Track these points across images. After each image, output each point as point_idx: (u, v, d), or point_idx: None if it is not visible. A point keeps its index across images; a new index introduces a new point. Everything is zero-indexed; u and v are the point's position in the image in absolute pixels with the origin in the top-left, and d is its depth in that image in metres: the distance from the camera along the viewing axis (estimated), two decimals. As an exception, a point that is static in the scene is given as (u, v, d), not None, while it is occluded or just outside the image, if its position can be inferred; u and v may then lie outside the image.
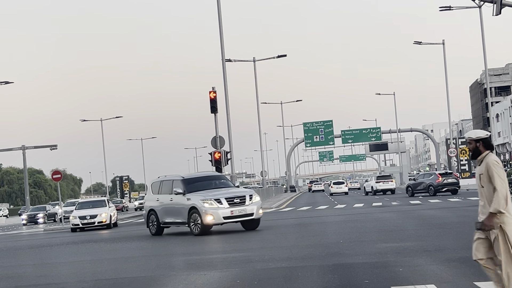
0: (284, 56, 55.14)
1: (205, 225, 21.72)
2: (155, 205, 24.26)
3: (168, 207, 23.61)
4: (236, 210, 21.89)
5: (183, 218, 22.79)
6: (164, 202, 23.85)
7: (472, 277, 9.59)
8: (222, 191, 22.73)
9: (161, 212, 23.96)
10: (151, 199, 24.98)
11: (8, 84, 53.03)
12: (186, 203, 22.49)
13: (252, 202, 22.35)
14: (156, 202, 24.29)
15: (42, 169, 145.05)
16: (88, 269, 14.83)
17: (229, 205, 21.82)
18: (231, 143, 37.69)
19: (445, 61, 61.78)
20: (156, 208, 24.18)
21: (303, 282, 10.35)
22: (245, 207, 22.08)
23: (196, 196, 22.29)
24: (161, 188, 24.35)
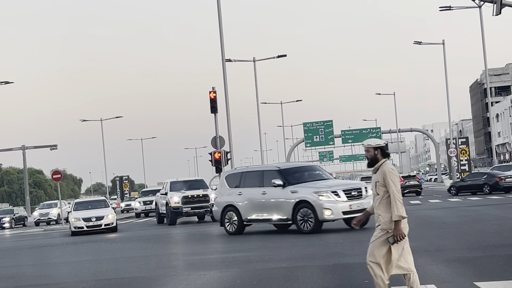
0: (284, 56, 55.13)
1: (321, 221, 19.20)
2: (235, 200, 21.26)
3: (259, 202, 20.72)
4: (355, 204, 19.19)
5: (284, 213, 19.95)
6: (251, 196, 20.97)
7: (472, 277, 9.59)
8: (330, 182, 20.49)
9: (245, 207, 21.10)
10: (227, 193, 21.99)
11: (8, 84, 53.04)
12: (291, 197, 19.67)
13: (367, 195, 19.69)
14: (236, 197, 21.37)
15: (42, 169, 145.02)
16: (88, 269, 14.83)
17: (347, 198, 19.24)
18: (231, 143, 37.67)
19: (445, 61, 61.79)
20: (236, 204, 21.28)
21: (303, 282, 10.35)
22: (362, 201, 19.35)
23: (304, 188, 19.65)
24: (243, 181, 21.59)
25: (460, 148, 70.03)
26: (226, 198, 21.95)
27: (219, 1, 37.98)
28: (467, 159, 70.60)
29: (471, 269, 10.35)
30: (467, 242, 14.21)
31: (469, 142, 75.59)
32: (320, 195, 19.11)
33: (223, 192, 22.37)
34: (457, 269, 10.48)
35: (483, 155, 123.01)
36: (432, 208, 28.99)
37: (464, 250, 12.81)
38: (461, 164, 70.09)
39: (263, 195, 20.60)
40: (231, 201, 21.59)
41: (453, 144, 69.46)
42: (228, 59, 47.56)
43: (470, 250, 12.75)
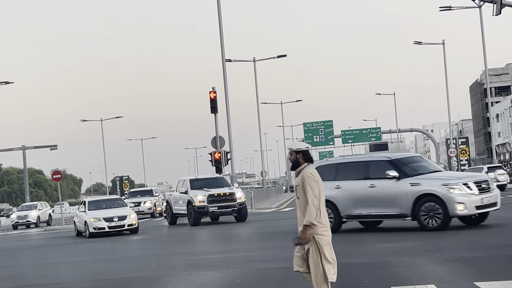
0: (284, 56, 55.15)
1: (451, 216, 17.38)
2: (330, 195, 18.63)
3: (364, 196, 18.65)
4: (486, 198, 17.41)
5: (401, 208, 17.94)
6: (354, 189, 18.88)
7: (472, 277, 9.59)
8: (451, 173, 18.97)
9: (345, 202, 18.94)
10: None
11: (8, 84, 53.02)
12: (411, 190, 17.73)
13: (495, 188, 18.03)
14: (332, 191, 18.87)
15: (42, 169, 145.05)
16: (88, 269, 14.83)
17: (478, 191, 17.38)
18: (231, 143, 37.69)
19: (445, 61, 61.78)
20: (334, 198, 18.92)
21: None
22: (491, 194, 17.61)
23: (428, 180, 17.82)
24: (340, 173, 19.46)
25: (460, 148, 70.07)
26: None
27: (219, 1, 37.98)
28: (467, 159, 70.61)
29: (471, 269, 10.35)
30: (467, 242, 14.21)
31: (469, 142, 75.60)
32: (451, 187, 17.26)
33: None
34: (457, 269, 10.48)
35: (483, 155, 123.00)
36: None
37: (464, 250, 12.81)
38: (461, 164, 70.08)
39: (370, 189, 18.48)
40: (327, 195, 19.16)
41: (453, 144, 69.49)
42: (228, 59, 47.58)
43: (470, 250, 12.75)
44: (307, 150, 7.71)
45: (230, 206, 29.09)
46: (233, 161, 38.06)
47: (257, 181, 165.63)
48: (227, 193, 29.22)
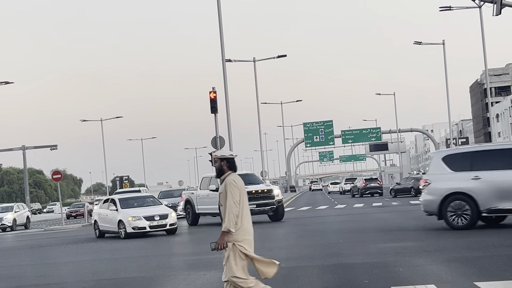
0: (284, 56, 55.14)
1: None
2: (467, 186, 17.05)
3: None
4: None
5: None
6: (501, 180, 16.81)
7: (472, 277, 9.59)
8: None
9: (487, 195, 16.86)
10: (448, 178, 17.56)
11: (8, 84, 53.03)
12: None
13: None
14: (470, 182, 17.06)
15: (42, 169, 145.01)
16: (88, 269, 14.83)
17: None
18: (231, 143, 37.66)
19: (445, 61, 61.76)
20: (470, 190, 17.03)
21: (303, 282, 10.35)
22: None
23: None
24: (479, 162, 17.35)
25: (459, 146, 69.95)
26: (448, 184, 17.50)
27: (219, 2, 37.98)
28: (467, 159, 70.39)
29: (471, 269, 10.35)
30: (467, 242, 14.21)
31: (469, 142, 75.56)
32: None
33: (440, 177, 17.81)
34: (457, 269, 10.48)
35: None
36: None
37: (464, 250, 12.81)
38: (461, 164, 69.96)
39: None
40: (460, 187, 17.27)
41: (453, 144, 69.40)
42: (228, 59, 47.55)
43: (470, 250, 12.74)
44: (232, 157, 7.82)
45: (269, 204, 26.86)
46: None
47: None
48: (265, 190, 27.00)
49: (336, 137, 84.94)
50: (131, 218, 24.25)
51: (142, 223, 24.15)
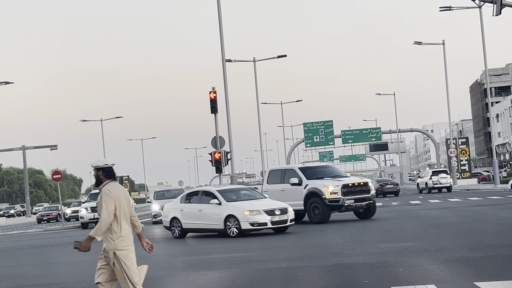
0: (284, 56, 55.15)
1: None
2: None
3: None
4: None
5: None
6: None
7: (472, 277, 9.59)
8: None
9: None
10: None
11: (8, 84, 53.07)
12: None
13: None
14: None
15: (42, 169, 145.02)
16: (88, 269, 14.82)
17: None
18: (231, 143, 37.65)
19: (445, 61, 61.79)
20: None
21: (303, 282, 10.35)
22: None
23: None
24: None
25: (460, 148, 70.08)
26: None
27: (219, 2, 37.99)
28: (467, 159, 70.62)
29: (471, 269, 10.35)
30: (467, 242, 14.21)
31: (469, 142, 75.61)
32: None
33: None
34: (457, 269, 10.48)
35: (483, 155, 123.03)
36: (432, 208, 29.00)
37: (464, 250, 12.82)
38: (461, 164, 70.11)
39: None
40: None
41: (453, 144, 69.51)
42: (228, 59, 47.56)
43: (470, 250, 12.75)
44: (108, 167, 7.84)
45: (366, 198, 24.15)
46: (233, 161, 38.03)
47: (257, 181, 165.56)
48: (362, 183, 24.25)
49: (336, 137, 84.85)
50: (250, 212, 20.21)
51: (263, 218, 20.36)
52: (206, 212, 21.30)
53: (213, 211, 20.98)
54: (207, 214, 21.27)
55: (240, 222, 20.21)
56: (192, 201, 22.24)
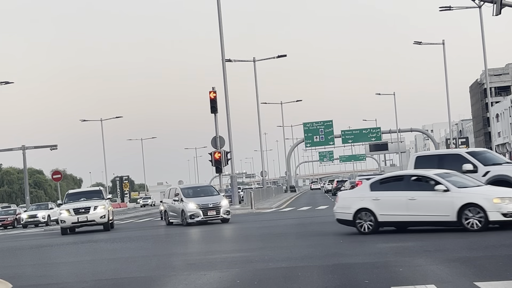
0: (284, 56, 55.17)
1: None
2: None
3: None
4: None
5: None
6: None
7: (472, 277, 9.59)
8: None
9: None
10: None
11: (8, 84, 53.01)
12: None
13: None
14: None
15: (42, 169, 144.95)
16: (88, 269, 14.83)
17: None
18: (231, 143, 37.68)
19: (445, 61, 61.77)
20: None
21: (303, 282, 10.35)
22: None
23: None
24: None
25: (460, 148, 70.05)
26: None
27: (219, 2, 37.99)
28: (467, 159, 70.43)
29: (471, 269, 10.35)
30: (467, 242, 14.20)
31: (469, 142, 75.66)
32: None
33: None
34: (457, 269, 10.48)
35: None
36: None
37: (464, 250, 12.81)
38: (461, 164, 69.97)
39: None
40: None
41: (453, 144, 69.49)
42: (228, 59, 47.56)
43: (470, 250, 12.74)
44: None
45: None
46: (233, 161, 38.05)
47: (257, 181, 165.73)
48: None
49: (336, 137, 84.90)
50: (499, 199, 16.80)
51: None
52: (424, 200, 17.64)
53: (437, 199, 17.35)
54: (425, 203, 17.63)
55: (487, 212, 16.60)
56: (392, 188, 18.56)
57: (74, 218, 30.27)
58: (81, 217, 30.17)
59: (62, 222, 30.98)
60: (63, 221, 30.83)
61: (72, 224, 30.57)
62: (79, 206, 30.53)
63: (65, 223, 30.78)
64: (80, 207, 30.44)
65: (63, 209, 31.26)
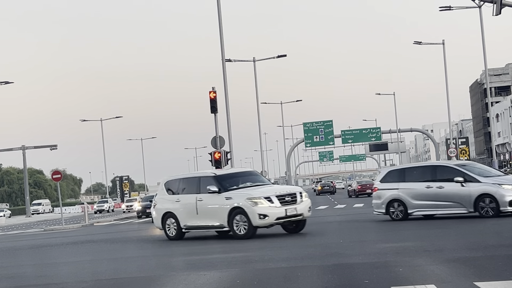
0: (284, 56, 55.13)
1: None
2: None
3: None
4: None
5: None
6: None
7: (472, 277, 9.59)
8: None
9: None
10: None
11: (8, 84, 53.06)
12: None
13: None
14: None
15: (42, 169, 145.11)
16: (88, 269, 14.83)
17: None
18: (231, 143, 37.65)
19: (445, 61, 61.73)
20: None
21: (303, 282, 10.35)
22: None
23: None
24: None
25: (460, 148, 70.07)
26: None
27: (219, 1, 37.98)
28: (467, 159, 70.55)
29: (471, 269, 10.34)
30: (467, 242, 14.20)
31: (469, 142, 75.64)
32: None
33: None
34: (457, 269, 10.47)
35: (483, 155, 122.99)
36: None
37: (464, 250, 12.81)
38: (461, 164, 69.93)
39: None
40: None
41: (453, 144, 69.48)
42: (228, 59, 47.53)
43: (470, 250, 12.74)
44: None
45: None
46: (233, 161, 38.02)
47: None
48: None
49: (336, 137, 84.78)
50: None
51: None
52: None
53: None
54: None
55: None
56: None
57: None
58: None
59: None
60: None
61: None
62: None
63: None
64: None
65: None
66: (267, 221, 18.63)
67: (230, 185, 19.58)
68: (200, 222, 19.96)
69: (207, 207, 19.62)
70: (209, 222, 19.70)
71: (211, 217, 19.54)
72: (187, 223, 20.32)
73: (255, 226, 18.71)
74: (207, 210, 19.64)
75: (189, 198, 20.15)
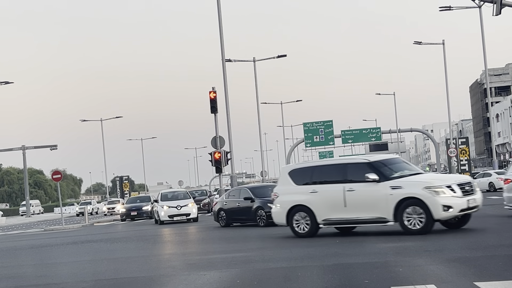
0: (284, 56, 55.16)
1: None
2: None
3: None
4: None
5: None
6: None
7: (472, 277, 9.59)
8: None
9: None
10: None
11: (8, 84, 53.10)
12: None
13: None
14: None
15: (42, 169, 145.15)
16: (88, 269, 14.83)
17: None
18: (231, 143, 37.66)
19: (445, 61, 61.78)
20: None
21: (303, 282, 10.35)
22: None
23: None
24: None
25: (460, 148, 70.06)
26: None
27: (219, 1, 37.99)
28: (467, 159, 70.59)
29: (471, 269, 10.35)
30: (467, 242, 14.21)
31: (469, 142, 75.62)
32: None
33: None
34: (457, 269, 10.48)
35: (483, 155, 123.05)
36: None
37: (464, 250, 12.81)
38: (461, 164, 70.11)
39: None
40: None
41: (453, 144, 69.49)
42: (228, 59, 47.55)
43: (470, 250, 12.74)
44: None
45: None
46: (233, 161, 38.03)
47: (257, 181, 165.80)
48: None
49: (336, 137, 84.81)
50: None
51: None
52: None
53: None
54: None
55: None
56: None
57: None
58: None
59: None
60: None
61: None
62: None
63: None
64: None
65: None
66: (451, 213, 16.26)
67: (389, 173, 17.24)
68: (350, 216, 17.45)
69: (362, 198, 17.14)
70: (364, 215, 17.19)
71: (368, 209, 17.05)
72: (330, 216, 17.80)
73: (436, 219, 16.36)
74: (361, 201, 17.16)
75: (333, 188, 17.59)
